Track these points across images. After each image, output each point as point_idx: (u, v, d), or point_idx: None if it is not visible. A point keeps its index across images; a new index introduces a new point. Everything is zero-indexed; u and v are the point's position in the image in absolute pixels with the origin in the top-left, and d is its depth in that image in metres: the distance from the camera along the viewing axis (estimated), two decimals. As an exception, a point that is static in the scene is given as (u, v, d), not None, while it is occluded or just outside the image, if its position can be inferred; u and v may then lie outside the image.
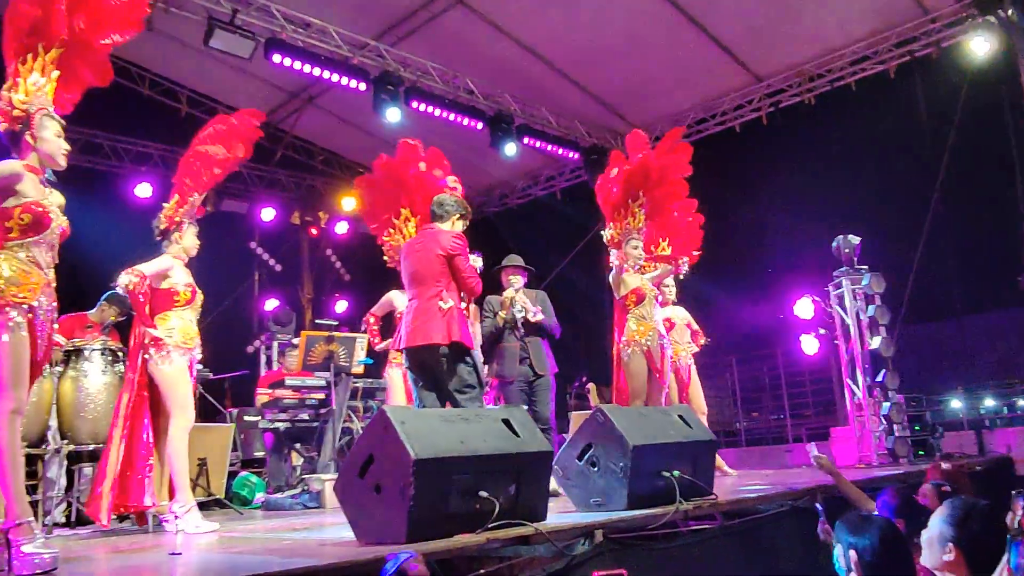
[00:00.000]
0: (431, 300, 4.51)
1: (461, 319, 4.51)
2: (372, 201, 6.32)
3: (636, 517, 3.56)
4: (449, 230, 4.73)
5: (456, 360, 4.46)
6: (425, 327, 4.47)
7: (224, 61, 9.22)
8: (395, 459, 2.92)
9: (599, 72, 10.22)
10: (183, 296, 4.50)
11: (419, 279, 4.61)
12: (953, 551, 2.33)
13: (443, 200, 4.91)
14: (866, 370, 7.00)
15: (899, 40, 8.97)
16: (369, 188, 6.43)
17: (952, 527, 2.37)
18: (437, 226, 4.77)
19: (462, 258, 4.57)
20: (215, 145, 4.65)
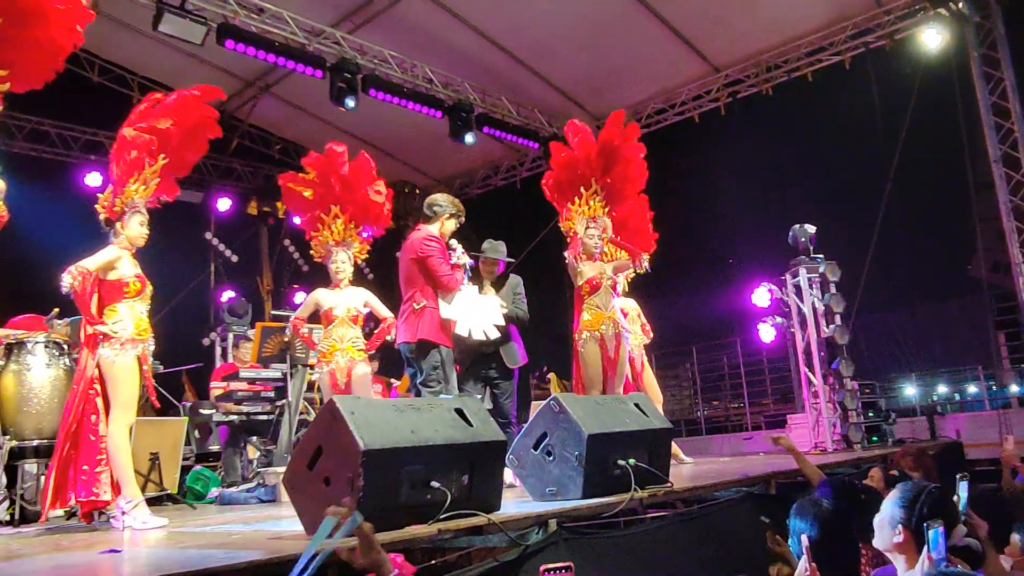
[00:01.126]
0: (408, 302, 4.97)
1: (431, 317, 4.79)
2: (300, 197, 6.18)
3: (591, 506, 3.55)
4: (425, 232, 5.02)
5: (421, 356, 4.80)
6: (401, 327, 4.99)
7: (177, 47, 9.00)
8: (344, 450, 2.87)
9: (559, 62, 10.20)
10: (132, 287, 4.36)
11: (403, 282, 5.08)
12: (902, 532, 2.36)
13: (433, 200, 5.25)
14: (822, 358, 7.09)
15: (854, 31, 9.09)
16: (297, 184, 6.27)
17: (902, 510, 2.39)
18: (423, 227, 5.13)
19: (433, 259, 4.87)
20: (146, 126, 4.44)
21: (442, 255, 4.92)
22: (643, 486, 3.88)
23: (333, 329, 5.64)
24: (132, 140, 4.38)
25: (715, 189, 10.84)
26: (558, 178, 6.17)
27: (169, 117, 4.48)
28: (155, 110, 4.52)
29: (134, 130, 4.41)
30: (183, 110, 4.56)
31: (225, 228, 11.50)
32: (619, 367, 6.01)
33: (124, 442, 4.27)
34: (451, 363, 4.92)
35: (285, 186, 6.02)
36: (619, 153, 6.04)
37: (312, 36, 8.40)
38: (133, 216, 4.44)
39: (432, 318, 4.82)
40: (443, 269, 4.89)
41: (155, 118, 4.47)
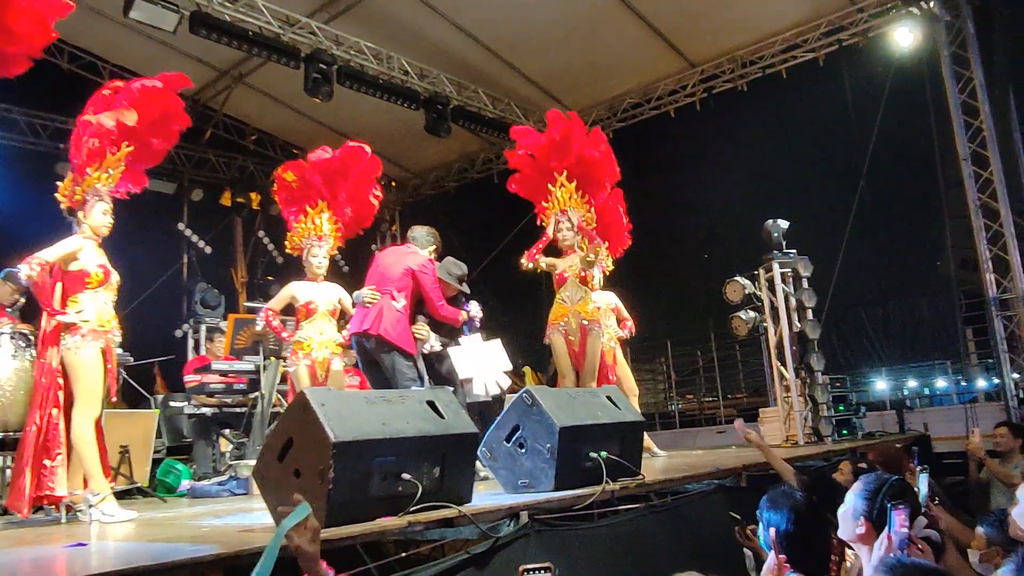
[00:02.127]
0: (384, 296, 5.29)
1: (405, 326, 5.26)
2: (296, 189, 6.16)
3: (562, 498, 3.57)
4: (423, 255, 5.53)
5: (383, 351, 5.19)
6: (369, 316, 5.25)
7: (150, 35, 8.87)
8: (314, 442, 2.86)
9: (536, 56, 10.19)
10: (95, 278, 4.30)
11: (379, 276, 5.41)
12: (864, 524, 2.39)
13: (416, 236, 5.71)
14: (793, 352, 7.16)
15: (828, 29, 9.19)
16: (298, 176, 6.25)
17: (865, 501, 2.42)
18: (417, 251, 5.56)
19: (429, 278, 5.36)
20: (107, 114, 4.37)
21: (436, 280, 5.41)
22: (615, 479, 3.91)
23: (313, 322, 5.61)
24: (92, 128, 4.31)
25: (691, 184, 10.90)
26: (522, 179, 6.37)
27: (133, 108, 4.41)
28: (116, 98, 4.44)
29: (94, 118, 4.34)
30: (147, 100, 4.49)
31: (199, 219, 11.36)
32: (587, 360, 6.07)
33: (90, 435, 4.22)
34: (421, 360, 5.14)
35: (278, 176, 6.00)
36: (570, 146, 6.13)
37: (287, 26, 8.32)
38: (96, 205, 4.37)
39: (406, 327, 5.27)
40: (436, 294, 5.34)
41: (118, 108, 4.39)
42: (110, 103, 4.41)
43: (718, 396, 13.21)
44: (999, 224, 8.31)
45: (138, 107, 4.42)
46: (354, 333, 5.45)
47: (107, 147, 4.35)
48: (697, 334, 13.13)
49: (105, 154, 4.36)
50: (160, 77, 4.56)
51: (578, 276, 6.18)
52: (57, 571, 2.09)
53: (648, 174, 11.02)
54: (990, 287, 8.25)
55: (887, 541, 2.15)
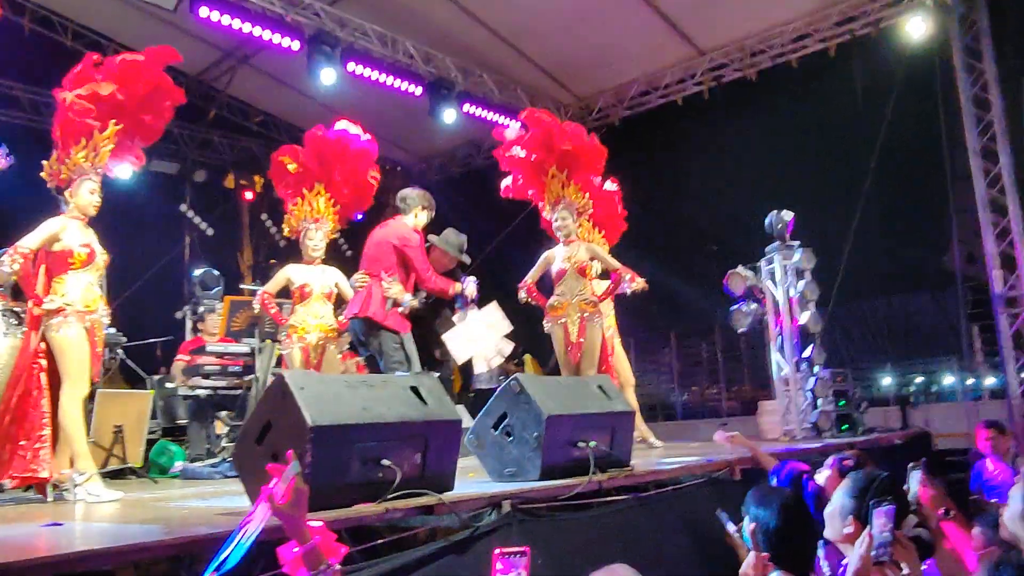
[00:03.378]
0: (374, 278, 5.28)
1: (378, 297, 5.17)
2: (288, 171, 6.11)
3: (547, 488, 3.51)
4: (406, 224, 5.38)
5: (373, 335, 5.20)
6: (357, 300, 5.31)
7: (154, 13, 8.83)
8: (292, 426, 2.81)
9: (543, 41, 10.09)
10: (78, 258, 4.23)
11: (370, 258, 5.44)
12: (852, 523, 2.33)
13: (405, 195, 5.51)
14: (794, 345, 7.07)
15: (840, 19, 9.04)
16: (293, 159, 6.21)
17: (852, 500, 2.37)
18: (399, 218, 5.42)
19: (413, 250, 5.21)
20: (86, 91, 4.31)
21: (421, 250, 5.26)
22: (603, 469, 3.85)
23: (308, 305, 5.58)
24: (69, 105, 4.25)
25: (697, 173, 10.80)
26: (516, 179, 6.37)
27: (112, 82, 4.34)
28: (96, 71, 4.38)
29: (68, 94, 4.28)
30: (128, 74, 4.42)
31: (201, 201, 11.34)
32: (586, 351, 6.03)
33: (77, 414, 4.20)
34: (411, 342, 5.09)
35: (275, 159, 5.97)
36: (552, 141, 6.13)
37: (290, 6, 8.24)
38: (82, 183, 4.31)
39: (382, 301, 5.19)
40: (423, 265, 5.20)
41: (96, 82, 4.33)
42: (86, 78, 4.34)
43: (721, 388, 13.17)
44: (1007, 220, 8.19)
45: (117, 81, 4.35)
46: (348, 317, 5.47)
47: (87, 123, 4.27)
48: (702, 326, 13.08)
49: (91, 131, 4.30)
50: (145, 51, 4.50)
51: (578, 268, 6.14)
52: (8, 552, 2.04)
53: (655, 163, 10.94)
54: (996, 283, 8.14)
55: (867, 539, 2.09)
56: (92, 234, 4.44)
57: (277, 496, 1.92)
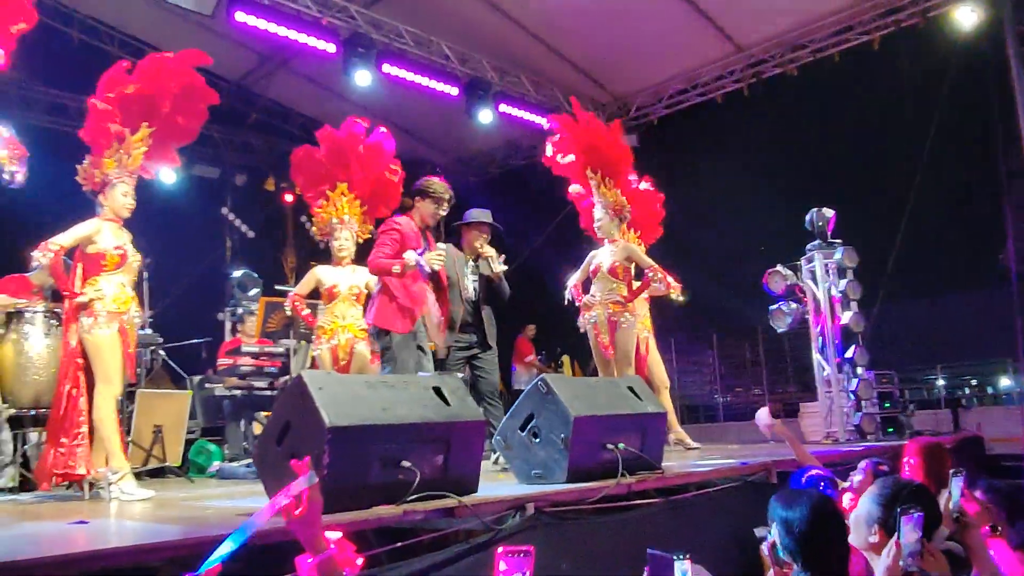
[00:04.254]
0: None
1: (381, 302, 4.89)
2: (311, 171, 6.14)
3: (573, 490, 3.44)
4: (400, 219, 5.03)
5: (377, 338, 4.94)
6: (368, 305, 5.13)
7: (196, 21, 8.97)
8: (310, 427, 2.79)
9: (579, 40, 9.99)
10: (111, 260, 4.30)
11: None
12: (878, 533, 2.21)
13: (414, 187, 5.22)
14: (836, 346, 6.88)
15: (884, 9, 8.77)
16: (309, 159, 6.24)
17: (879, 507, 2.25)
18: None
19: (377, 242, 4.91)
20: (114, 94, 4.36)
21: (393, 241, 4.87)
22: (632, 472, 3.77)
23: (335, 306, 5.60)
24: (98, 110, 4.32)
25: (737, 172, 10.57)
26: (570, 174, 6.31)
27: (135, 82, 4.39)
28: (123, 76, 4.44)
29: (99, 101, 4.34)
30: (158, 75, 4.47)
31: (242, 204, 11.50)
32: (619, 352, 5.95)
33: (110, 413, 4.26)
34: (405, 347, 4.81)
35: (294, 159, 6.00)
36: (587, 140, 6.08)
37: (325, 10, 8.29)
38: (116, 186, 4.38)
39: (382, 303, 4.84)
40: (379, 250, 4.85)
41: (124, 84, 4.39)
42: (116, 82, 4.40)
43: (764, 389, 12.90)
44: (1064, 215, 7.87)
45: (146, 82, 4.41)
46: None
47: (111, 126, 4.34)
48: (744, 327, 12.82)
49: (122, 135, 4.37)
50: (177, 53, 4.55)
51: (609, 268, 6.07)
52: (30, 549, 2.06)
53: (694, 162, 10.77)
54: (1053, 282, 7.82)
55: (895, 549, 1.97)
56: (126, 236, 4.50)
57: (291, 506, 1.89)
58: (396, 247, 4.83)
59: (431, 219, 4.89)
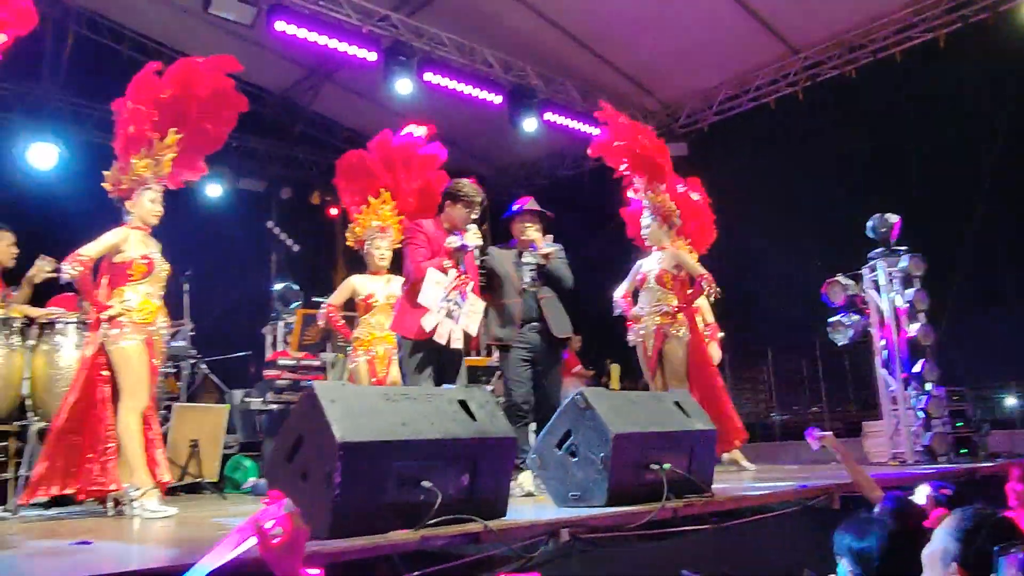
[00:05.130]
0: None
1: (400, 308, 4.51)
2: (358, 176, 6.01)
3: (613, 514, 3.16)
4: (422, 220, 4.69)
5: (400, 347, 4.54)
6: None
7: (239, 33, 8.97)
8: (322, 442, 2.58)
9: (626, 46, 9.73)
10: (137, 270, 4.19)
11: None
12: (958, 571, 1.88)
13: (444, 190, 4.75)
14: (903, 360, 6.43)
15: (950, 5, 8.29)
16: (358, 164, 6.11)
17: (958, 543, 1.92)
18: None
19: (407, 247, 4.51)
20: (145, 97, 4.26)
21: (423, 243, 4.45)
22: (679, 495, 3.46)
23: (372, 317, 5.43)
24: (127, 112, 4.22)
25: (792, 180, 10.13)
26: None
27: (168, 87, 4.29)
28: (156, 80, 4.35)
29: (129, 103, 4.24)
30: (185, 79, 4.36)
31: (288, 217, 11.50)
32: (668, 366, 5.67)
33: (135, 427, 4.13)
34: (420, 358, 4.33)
35: (342, 162, 5.91)
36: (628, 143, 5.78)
37: (367, 19, 8.20)
38: (143, 193, 4.28)
39: (403, 310, 4.47)
40: (415, 255, 4.41)
41: (156, 90, 4.29)
42: (147, 86, 4.30)
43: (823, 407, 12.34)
44: None
45: (175, 84, 4.30)
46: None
47: (147, 132, 4.24)
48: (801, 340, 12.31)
49: (150, 140, 4.27)
50: (206, 59, 4.44)
51: (656, 277, 5.80)
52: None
53: (747, 170, 10.36)
54: None
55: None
56: (154, 244, 4.40)
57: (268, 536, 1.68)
58: (427, 247, 4.47)
59: (462, 224, 4.51)
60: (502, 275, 4.88)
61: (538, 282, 4.84)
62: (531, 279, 4.84)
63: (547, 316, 4.78)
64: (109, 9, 9.71)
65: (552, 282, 4.87)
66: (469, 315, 4.44)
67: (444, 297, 4.34)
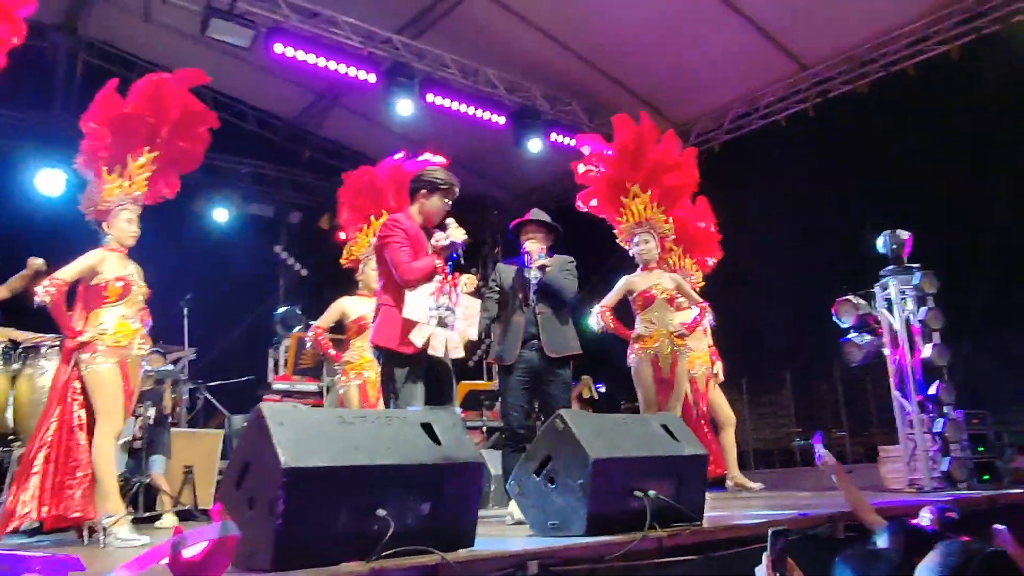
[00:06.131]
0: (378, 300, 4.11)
1: (386, 318, 3.95)
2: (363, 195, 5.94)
3: (591, 544, 2.97)
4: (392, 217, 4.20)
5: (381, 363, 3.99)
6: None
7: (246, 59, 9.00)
8: (268, 467, 2.43)
9: (634, 65, 9.61)
10: (112, 291, 4.10)
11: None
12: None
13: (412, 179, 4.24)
14: (917, 382, 6.17)
15: (963, 17, 8.09)
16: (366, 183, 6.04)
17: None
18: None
19: (389, 247, 3.94)
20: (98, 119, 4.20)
21: (405, 241, 3.95)
22: (664, 524, 3.26)
23: (364, 340, 5.30)
24: (97, 133, 4.17)
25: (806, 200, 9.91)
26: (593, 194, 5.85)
27: (131, 103, 4.23)
28: (116, 97, 4.29)
29: (95, 123, 4.19)
30: (151, 94, 4.30)
31: (296, 243, 11.48)
32: (676, 387, 5.46)
33: (110, 452, 4.04)
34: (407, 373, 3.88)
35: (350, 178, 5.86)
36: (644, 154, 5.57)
37: (368, 41, 8.17)
38: (119, 213, 4.21)
39: (387, 319, 3.93)
40: (400, 256, 3.89)
41: (119, 107, 4.23)
42: (108, 103, 4.25)
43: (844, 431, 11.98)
44: None
45: (142, 104, 4.25)
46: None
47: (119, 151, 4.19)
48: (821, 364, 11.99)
49: (124, 159, 4.21)
50: (173, 74, 4.39)
51: (667, 298, 5.61)
52: None
53: (759, 189, 10.15)
54: None
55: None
56: (131, 266, 4.32)
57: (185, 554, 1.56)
58: (409, 247, 3.98)
59: (439, 216, 4.11)
60: (507, 291, 4.67)
61: (536, 297, 4.61)
62: (533, 294, 4.60)
63: (542, 333, 4.56)
64: (120, 38, 9.82)
65: (550, 296, 4.64)
66: (466, 318, 4.02)
67: (434, 305, 3.89)
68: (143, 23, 7.75)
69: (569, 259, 4.86)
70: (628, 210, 5.73)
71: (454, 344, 3.95)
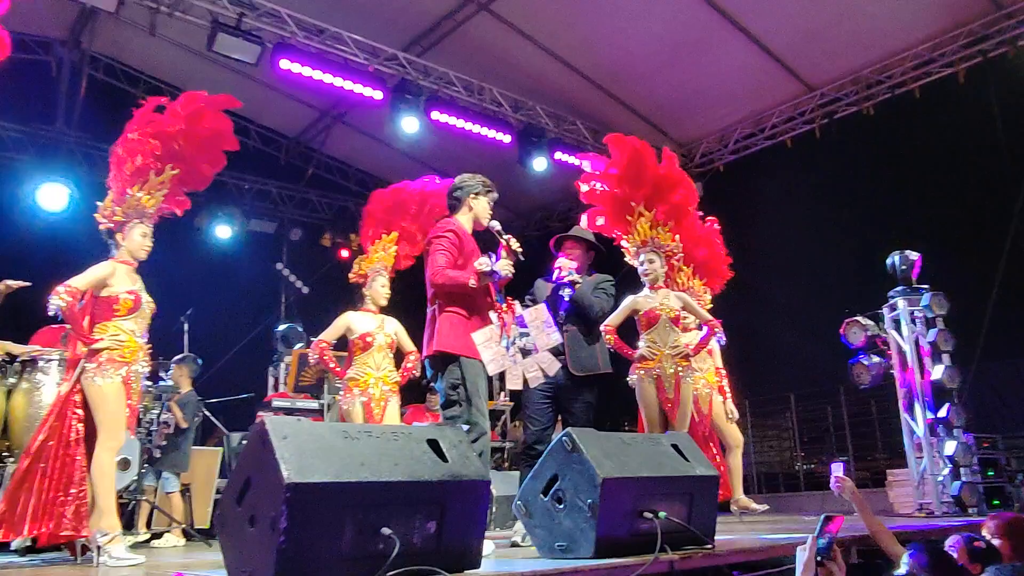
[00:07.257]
0: (429, 307, 3.99)
1: (448, 323, 3.84)
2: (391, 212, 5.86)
3: (599, 567, 2.87)
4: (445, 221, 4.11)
5: (439, 371, 3.86)
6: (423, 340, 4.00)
7: (252, 76, 9.00)
8: (270, 483, 2.35)
9: (639, 85, 9.63)
10: (123, 305, 4.04)
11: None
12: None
13: (453, 186, 4.21)
14: (928, 404, 6.08)
15: (969, 39, 8.10)
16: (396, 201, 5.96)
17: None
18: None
19: (434, 247, 3.86)
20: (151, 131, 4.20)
21: (452, 247, 3.85)
22: (676, 546, 3.17)
23: (370, 356, 5.22)
24: (136, 145, 4.15)
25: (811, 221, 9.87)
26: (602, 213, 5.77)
27: (178, 121, 4.23)
28: (161, 114, 4.29)
29: (138, 134, 4.16)
30: (191, 114, 4.30)
31: (297, 259, 11.42)
32: (681, 407, 5.35)
33: (110, 468, 3.96)
34: (477, 378, 3.79)
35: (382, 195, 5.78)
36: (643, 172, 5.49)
37: (373, 58, 8.17)
38: (135, 227, 4.18)
39: (449, 323, 3.80)
40: (439, 258, 3.80)
41: (162, 122, 4.23)
42: (154, 119, 4.24)
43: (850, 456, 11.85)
44: None
45: (183, 122, 4.25)
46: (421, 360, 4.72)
47: (150, 165, 4.17)
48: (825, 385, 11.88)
49: (148, 174, 4.18)
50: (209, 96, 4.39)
51: (672, 317, 5.52)
52: None
53: (764, 210, 10.12)
54: None
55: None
56: (139, 280, 4.28)
57: None
58: (455, 254, 3.88)
59: (486, 217, 4.09)
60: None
61: (564, 314, 4.63)
62: (562, 311, 4.62)
63: (568, 351, 4.56)
64: (125, 53, 9.83)
65: (579, 313, 4.65)
66: (538, 328, 3.90)
67: (507, 343, 3.79)
68: (149, 38, 7.74)
69: (607, 278, 4.91)
70: (634, 228, 5.65)
71: (546, 363, 3.90)
